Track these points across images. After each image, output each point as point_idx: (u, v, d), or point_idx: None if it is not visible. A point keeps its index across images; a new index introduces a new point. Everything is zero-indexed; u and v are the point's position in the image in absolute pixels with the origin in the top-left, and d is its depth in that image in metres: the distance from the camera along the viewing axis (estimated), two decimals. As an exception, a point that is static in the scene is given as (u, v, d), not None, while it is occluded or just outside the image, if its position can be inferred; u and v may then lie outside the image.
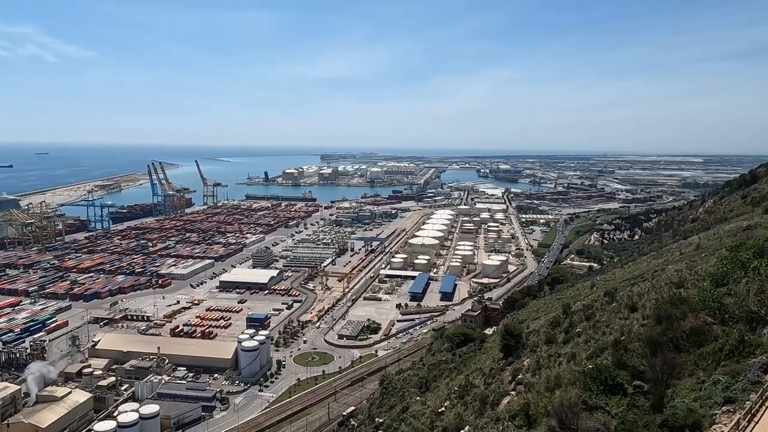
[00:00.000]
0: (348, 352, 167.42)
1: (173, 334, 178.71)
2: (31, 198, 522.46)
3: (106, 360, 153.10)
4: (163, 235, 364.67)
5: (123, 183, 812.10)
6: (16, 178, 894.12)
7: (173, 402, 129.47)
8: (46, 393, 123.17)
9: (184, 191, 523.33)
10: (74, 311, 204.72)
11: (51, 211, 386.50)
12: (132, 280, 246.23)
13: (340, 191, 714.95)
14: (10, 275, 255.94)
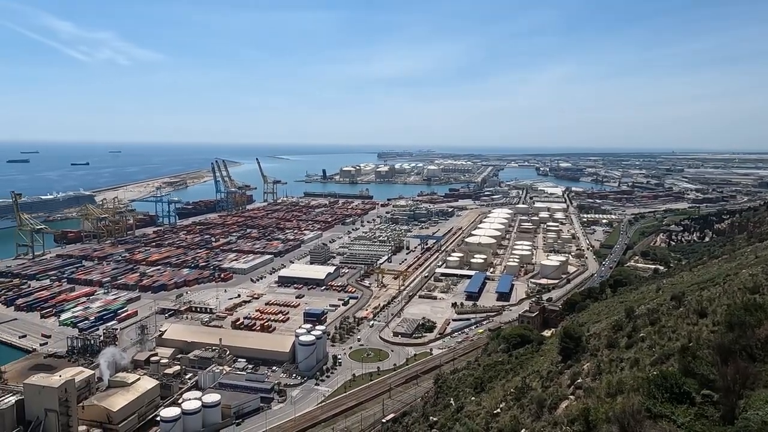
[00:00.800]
0: (403, 350, 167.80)
1: (234, 326, 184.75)
2: (105, 194, 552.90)
3: (172, 349, 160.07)
4: (225, 230, 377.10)
5: (189, 180, 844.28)
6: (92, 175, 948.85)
7: (233, 392, 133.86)
8: (117, 378, 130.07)
9: (246, 188, 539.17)
10: (143, 302, 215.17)
11: (123, 206, 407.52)
12: (196, 273, 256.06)
13: (396, 189, 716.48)
14: (86, 266, 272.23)
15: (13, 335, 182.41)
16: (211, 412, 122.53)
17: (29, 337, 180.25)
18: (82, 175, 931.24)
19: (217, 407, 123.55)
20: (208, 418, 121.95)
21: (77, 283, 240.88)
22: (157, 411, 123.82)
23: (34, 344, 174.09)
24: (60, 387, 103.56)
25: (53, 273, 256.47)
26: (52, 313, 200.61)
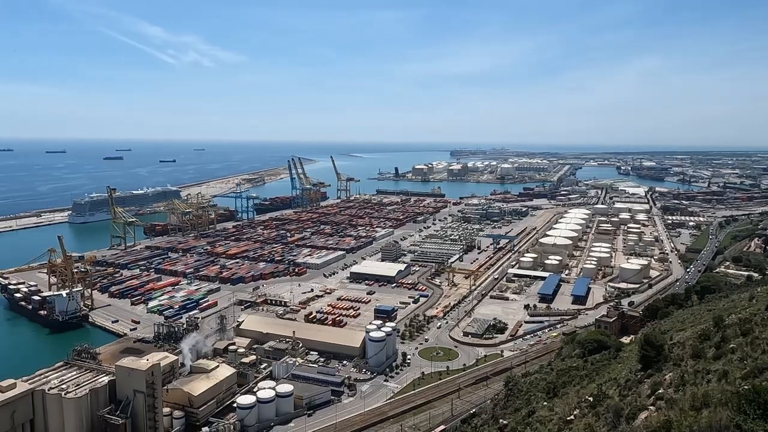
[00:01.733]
0: (473, 350, 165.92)
1: (307, 319, 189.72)
2: (189, 189, 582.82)
3: (248, 339, 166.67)
4: (300, 226, 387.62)
5: (266, 177, 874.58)
6: (178, 172, 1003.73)
7: (305, 384, 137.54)
8: (198, 365, 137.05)
9: (320, 185, 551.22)
10: (222, 293, 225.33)
11: (206, 201, 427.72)
12: (272, 267, 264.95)
13: (469, 187, 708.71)
14: (171, 258, 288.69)
15: (106, 320, 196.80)
16: (284, 402, 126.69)
17: (121, 322, 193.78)
18: (169, 172, 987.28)
19: (290, 397, 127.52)
20: (281, 407, 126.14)
21: (163, 274, 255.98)
22: (234, 398, 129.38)
23: (125, 329, 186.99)
24: (147, 370, 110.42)
25: (142, 263, 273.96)
26: (141, 301, 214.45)
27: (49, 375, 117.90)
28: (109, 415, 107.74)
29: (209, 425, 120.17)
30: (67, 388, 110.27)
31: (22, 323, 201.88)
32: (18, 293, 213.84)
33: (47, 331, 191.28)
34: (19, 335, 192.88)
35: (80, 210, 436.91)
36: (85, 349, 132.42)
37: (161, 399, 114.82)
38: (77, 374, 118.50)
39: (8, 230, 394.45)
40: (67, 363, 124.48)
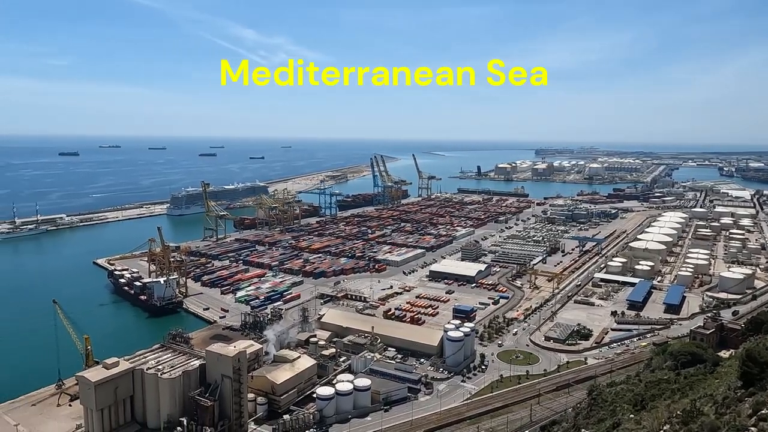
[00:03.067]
0: (554, 356, 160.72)
1: (386, 316, 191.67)
2: (276, 185, 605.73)
3: (329, 333, 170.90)
4: (381, 223, 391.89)
5: (349, 174, 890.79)
6: (266, 168, 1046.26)
7: (383, 379, 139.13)
8: (281, 354, 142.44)
9: (401, 183, 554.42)
10: (305, 286, 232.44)
11: (291, 197, 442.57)
12: (353, 263, 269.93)
13: (554, 188, 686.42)
14: (258, 251, 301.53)
15: (198, 307, 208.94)
16: (362, 396, 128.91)
17: (211, 310, 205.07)
18: (258, 168, 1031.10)
19: (368, 392, 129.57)
20: (359, 401, 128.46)
21: (251, 265, 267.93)
22: (314, 388, 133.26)
23: (214, 316, 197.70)
24: (234, 357, 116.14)
25: (232, 255, 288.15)
26: (229, 291, 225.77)
27: (147, 356, 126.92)
28: (199, 396, 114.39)
29: (290, 413, 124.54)
30: (163, 369, 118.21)
31: (125, 306, 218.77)
32: (122, 279, 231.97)
33: (146, 315, 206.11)
34: (122, 317, 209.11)
35: (177, 203, 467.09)
36: (179, 334, 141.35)
37: (246, 385, 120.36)
38: (172, 356, 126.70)
39: (115, 220, 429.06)
40: (163, 345, 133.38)
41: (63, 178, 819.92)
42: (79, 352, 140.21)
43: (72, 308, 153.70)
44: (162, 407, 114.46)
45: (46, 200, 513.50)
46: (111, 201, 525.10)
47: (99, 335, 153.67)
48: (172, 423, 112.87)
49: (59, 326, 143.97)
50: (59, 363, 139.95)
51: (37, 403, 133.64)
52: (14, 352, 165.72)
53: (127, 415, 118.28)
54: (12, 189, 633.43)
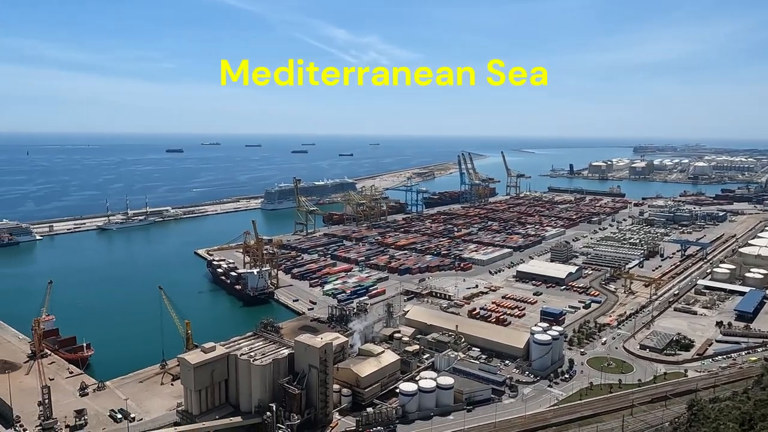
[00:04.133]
0: (650, 366, 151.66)
1: (470, 315, 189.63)
2: (364, 182, 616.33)
3: (413, 329, 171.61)
4: (467, 221, 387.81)
5: (436, 171, 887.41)
6: (355, 165, 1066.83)
7: (466, 379, 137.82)
8: (366, 348, 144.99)
9: (489, 181, 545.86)
10: (390, 282, 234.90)
11: (378, 194, 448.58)
12: (438, 260, 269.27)
13: (653, 187, 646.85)
14: (345, 246, 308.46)
15: (288, 298, 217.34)
16: (445, 394, 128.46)
17: (300, 301, 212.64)
18: (347, 165, 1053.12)
19: (450, 390, 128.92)
20: (441, 399, 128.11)
21: (338, 260, 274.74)
22: (397, 384, 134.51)
23: (303, 308, 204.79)
24: (321, 348, 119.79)
25: (320, 249, 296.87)
26: (318, 284, 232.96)
27: (241, 342, 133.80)
28: (288, 384, 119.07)
29: (373, 406, 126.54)
30: (255, 355, 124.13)
31: (221, 295, 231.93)
32: (219, 269, 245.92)
33: (240, 304, 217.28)
34: (218, 305, 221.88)
35: (270, 198, 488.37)
36: (270, 323, 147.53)
37: (332, 376, 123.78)
38: (263, 344, 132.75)
39: (214, 214, 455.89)
40: (255, 333, 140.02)
41: (169, 173, 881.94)
42: (180, 336, 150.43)
43: (175, 294, 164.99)
44: (253, 392, 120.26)
45: (154, 194, 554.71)
46: (211, 195, 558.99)
47: (198, 320, 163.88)
48: (262, 408, 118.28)
49: (164, 311, 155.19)
50: (163, 344, 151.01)
51: (144, 381, 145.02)
52: (125, 332, 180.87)
53: (222, 397, 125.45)
54: (125, 183, 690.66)
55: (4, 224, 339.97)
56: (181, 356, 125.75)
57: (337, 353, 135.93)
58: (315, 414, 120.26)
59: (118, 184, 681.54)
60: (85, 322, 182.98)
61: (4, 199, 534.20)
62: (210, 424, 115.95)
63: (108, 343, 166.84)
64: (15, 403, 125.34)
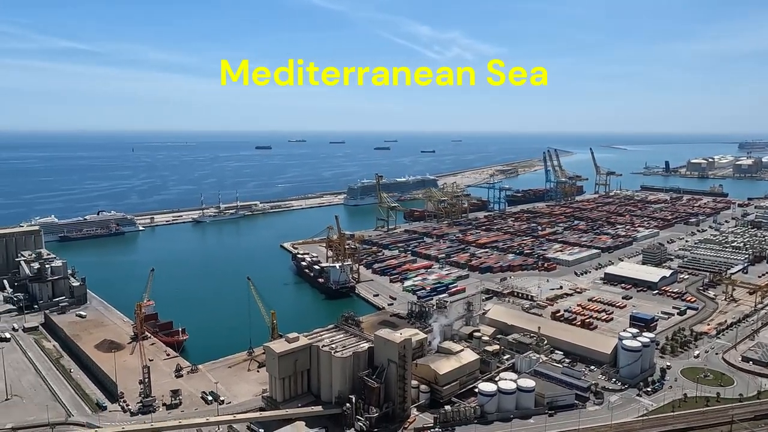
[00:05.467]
0: (753, 380, 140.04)
1: (553, 317, 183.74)
2: (445, 179, 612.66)
3: (493, 329, 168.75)
4: (552, 220, 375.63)
5: (520, 168, 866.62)
6: (436, 162, 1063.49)
7: (548, 382, 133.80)
8: (445, 346, 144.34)
9: (576, 179, 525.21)
10: (470, 280, 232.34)
11: (460, 191, 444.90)
12: (520, 260, 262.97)
13: (761, 187, 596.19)
14: (426, 242, 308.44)
15: (369, 293, 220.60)
16: (525, 397, 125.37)
17: (380, 296, 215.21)
18: (428, 162, 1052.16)
19: (531, 393, 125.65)
20: (522, 401, 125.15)
21: (418, 256, 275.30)
22: (476, 383, 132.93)
23: (383, 303, 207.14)
24: (400, 343, 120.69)
25: (401, 245, 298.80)
26: (398, 279, 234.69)
27: (323, 334, 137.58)
28: (367, 377, 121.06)
29: (451, 404, 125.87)
30: (336, 347, 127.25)
31: (305, 287, 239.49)
32: (303, 262, 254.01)
33: (323, 297, 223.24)
34: (302, 297, 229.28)
35: (353, 194, 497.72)
36: (351, 316, 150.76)
37: (411, 371, 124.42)
38: (344, 337, 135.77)
39: (299, 208, 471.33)
40: (336, 326, 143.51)
41: (258, 169, 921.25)
42: (266, 325, 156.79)
43: (261, 285, 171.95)
44: (334, 383, 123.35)
45: (244, 188, 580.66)
46: (296, 190, 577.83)
47: (282, 311, 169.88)
48: (342, 399, 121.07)
49: (251, 300, 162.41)
50: (250, 333, 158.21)
51: (233, 366, 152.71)
52: (216, 319, 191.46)
53: (304, 386, 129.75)
54: (218, 178, 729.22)
55: (112, 215, 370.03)
56: (266, 345, 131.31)
57: (416, 349, 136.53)
58: (393, 408, 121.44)
59: (211, 179, 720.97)
60: (180, 308, 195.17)
61: (112, 193, 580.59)
62: (293, 412, 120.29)
63: (200, 329, 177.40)
64: (119, 380, 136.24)
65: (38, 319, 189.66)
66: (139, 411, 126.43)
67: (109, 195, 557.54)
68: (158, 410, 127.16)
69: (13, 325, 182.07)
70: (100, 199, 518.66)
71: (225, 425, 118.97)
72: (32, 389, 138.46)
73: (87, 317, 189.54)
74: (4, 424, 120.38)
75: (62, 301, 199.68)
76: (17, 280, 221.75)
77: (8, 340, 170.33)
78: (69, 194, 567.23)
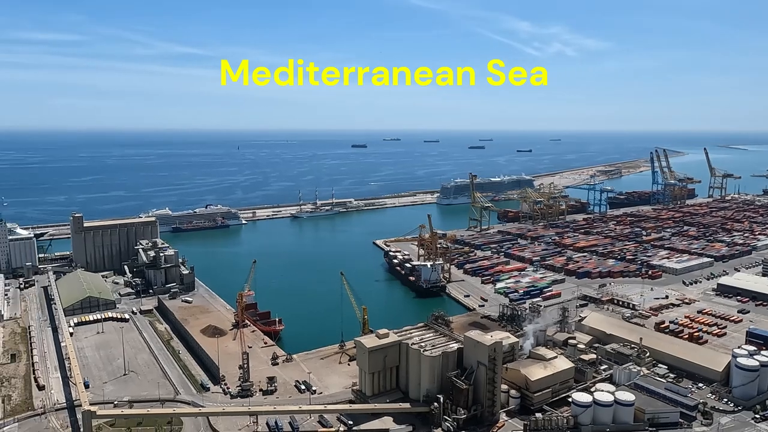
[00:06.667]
0: None
1: (657, 328, 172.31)
2: (542, 179, 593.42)
3: (589, 337, 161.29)
4: (658, 225, 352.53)
5: (624, 169, 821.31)
6: (533, 161, 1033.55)
7: (649, 397, 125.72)
8: (537, 351, 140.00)
9: (687, 181, 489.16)
10: (566, 285, 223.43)
11: (557, 192, 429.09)
12: (622, 266, 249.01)
13: None
14: (520, 244, 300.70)
15: (459, 293, 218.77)
16: (623, 411, 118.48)
17: (471, 297, 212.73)
18: (524, 161, 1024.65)
19: (630, 407, 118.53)
20: (619, 415, 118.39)
21: (512, 258, 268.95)
22: (570, 392, 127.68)
23: (473, 304, 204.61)
24: (491, 346, 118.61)
25: (494, 246, 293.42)
26: (489, 281, 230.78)
27: (413, 332, 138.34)
28: (456, 378, 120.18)
29: (543, 412, 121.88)
30: (425, 346, 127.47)
31: (395, 285, 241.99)
32: (395, 259, 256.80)
33: (413, 295, 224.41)
34: (392, 294, 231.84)
35: (446, 193, 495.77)
36: (441, 316, 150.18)
37: (500, 375, 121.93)
38: (433, 336, 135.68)
39: (392, 206, 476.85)
40: (426, 325, 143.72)
41: (353, 167, 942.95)
42: (357, 320, 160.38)
43: (354, 280, 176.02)
44: (422, 381, 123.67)
45: (340, 186, 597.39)
46: (390, 188, 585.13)
47: (373, 307, 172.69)
48: (430, 398, 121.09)
49: (344, 295, 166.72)
50: (342, 326, 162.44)
51: (325, 358, 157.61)
52: (309, 311, 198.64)
53: (393, 382, 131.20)
54: (315, 175, 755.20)
55: (218, 209, 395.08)
56: (357, 339, 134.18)
57: (506, 353, 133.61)
58: (481, 411, 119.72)
59: (309, 176, 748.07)
60: (277, 298, 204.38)
61: (219, 188, 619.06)
62: (381, 407, 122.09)
63: (295, 320, 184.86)
64: (221, 364, 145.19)
65: (153, 302, 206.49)
66: (238, 394, 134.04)
67: (216, 190, 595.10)
68: (255, 395, 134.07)
69: (132, 308, 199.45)
70: (209, 193, 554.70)
71: (316, 414, 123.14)
72: (146, 367, 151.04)
73: (193, 303, 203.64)
74: (122, 396, 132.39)
75: (173, 287, 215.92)
76: (136, 266, 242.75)
77: (127, 321, 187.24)
78: (182, 188, 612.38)
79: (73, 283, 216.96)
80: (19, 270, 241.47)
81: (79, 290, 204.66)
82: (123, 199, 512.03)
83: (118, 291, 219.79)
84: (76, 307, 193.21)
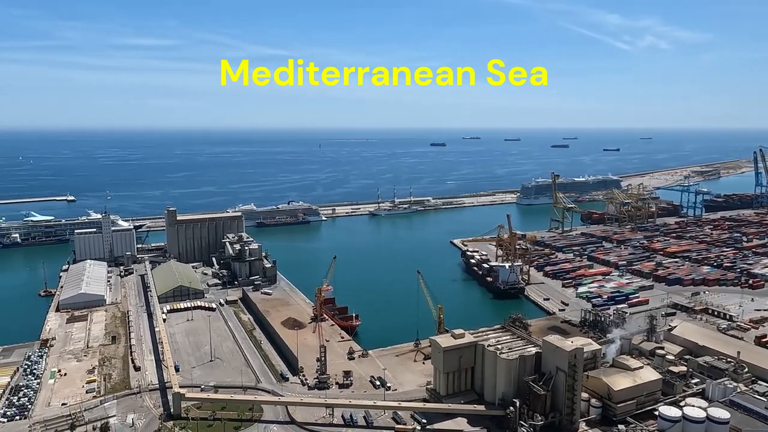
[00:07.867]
0: None
1: (758, 342, 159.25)
2: (630, 179, 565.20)
3: (680, 348, 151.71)
4: (761, 230, 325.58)
5: (722, 170, 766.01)
6: (621, 161, 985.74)
7: (747, 416, 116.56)
8: (621, 360, 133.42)
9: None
10: (655, 292, 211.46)
11: (647, 193, 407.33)
12: (718, 273, 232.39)
13: None
14: (605, 247, 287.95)
15: (539, 296, 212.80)
16: (717, 429, 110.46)
17: (551, 301, 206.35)
18: (611, 161, 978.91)
19: (725, 425, 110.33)
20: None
21: (595, 261, 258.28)
22: (656, 405, 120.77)
23: (553, 308, 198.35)
24: (571, 352, 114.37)
25: (576, 248, 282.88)
26: (571, 284, 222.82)
27: (489, 334, 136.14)
28: (533, 383, 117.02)
29: (626, 424, 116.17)
30: (502, 348, 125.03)
31: (472, 285, 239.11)
32: (473, 259, 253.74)
33: (490, 296, 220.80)
34: (469, 294, 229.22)
35: (527, 193, 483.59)
36: (519, 319, 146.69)
37: (581, 383, 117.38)
38: (510, 339, 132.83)
39: (470, 206, 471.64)
40: (503, 327, 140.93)
41: (432, 165, 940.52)
42: (433, 319, 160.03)
43: (430, 279, 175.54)
44: (498, 384, 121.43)
45: (418, 184, 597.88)
46: (468, 188, 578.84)
47: (449, 306, 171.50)
48: (506, 402, 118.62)
49: (420, 293, 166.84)
50: (418, 324, 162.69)
51: (400, 355, 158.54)
52: (386, 308, 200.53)
53: (467, 384, 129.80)
54: (394, 173, 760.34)
55: (300, 205, 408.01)
56: (432, 338, 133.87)
57: (587, 360, 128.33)
58: (560, 419, 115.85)
59: (388, 174, 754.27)
60: (354, 294, 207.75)
61: (301, 185, 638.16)
62: (456, 407, 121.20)
63: (371, 316, 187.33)
64: (300, 356, 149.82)
65: (237, 293, 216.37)
66: (316, 386, 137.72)
67: (298, 187, 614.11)
68: (332, 387, 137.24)
69: (219, 300, 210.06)
70: (291, 190, 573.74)
71: (390, 411, 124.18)
72: (230, 354, 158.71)
73: (272, 295, 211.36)
74: (208, 381, 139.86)
75: (257, 280, 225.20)
76: (222, 259, 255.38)
77: (214, 310, 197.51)
78: (266, 185, 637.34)
79: (167, 272, 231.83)
80: (120, 259, 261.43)
81: (171, 279, 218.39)
82: (212, 195, 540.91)
83: (207, 281, 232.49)
84: (168, 296, 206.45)
